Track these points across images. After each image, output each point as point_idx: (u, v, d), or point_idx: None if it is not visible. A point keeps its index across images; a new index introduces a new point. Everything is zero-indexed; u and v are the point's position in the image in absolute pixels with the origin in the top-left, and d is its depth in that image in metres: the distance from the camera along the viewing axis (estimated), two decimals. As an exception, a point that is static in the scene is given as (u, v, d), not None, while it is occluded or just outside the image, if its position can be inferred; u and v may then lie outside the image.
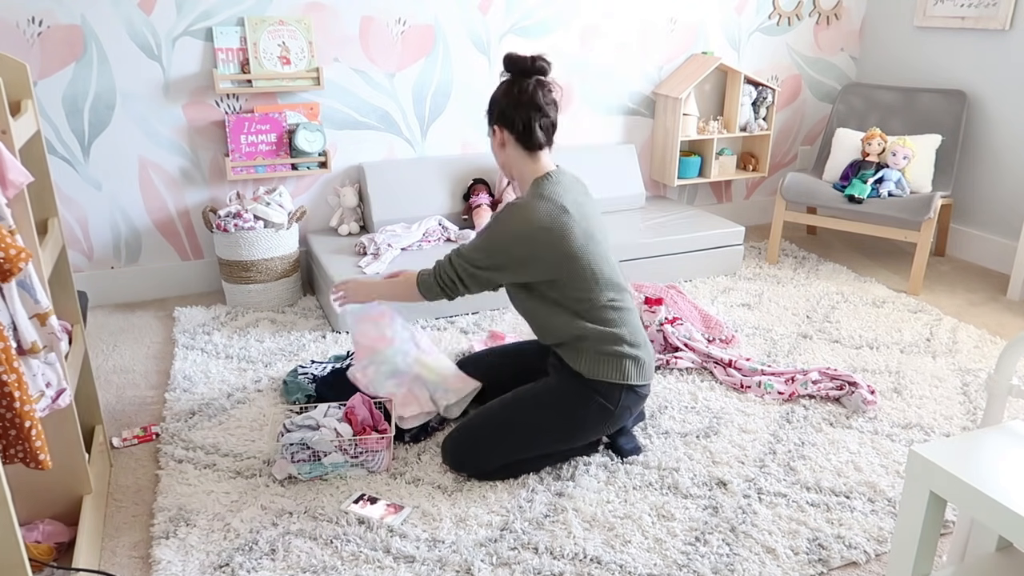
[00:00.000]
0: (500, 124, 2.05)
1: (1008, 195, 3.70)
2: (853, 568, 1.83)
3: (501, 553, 1.84)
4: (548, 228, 1.97)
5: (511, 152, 2.07)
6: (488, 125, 2.11)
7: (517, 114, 2.01)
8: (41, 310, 1.52)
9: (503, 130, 2.05)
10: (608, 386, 2.06)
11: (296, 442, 2.07)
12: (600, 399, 2.07)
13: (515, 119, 2.02)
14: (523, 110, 2.01)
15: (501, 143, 2.08)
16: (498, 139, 2.08)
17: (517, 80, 2.03)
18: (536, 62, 2.02)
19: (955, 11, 3.78)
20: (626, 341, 2.07)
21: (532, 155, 2.06)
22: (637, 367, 2.08)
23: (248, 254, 3.13)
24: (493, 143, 2.11)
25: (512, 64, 2.03)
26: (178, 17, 3.09)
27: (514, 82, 2.03)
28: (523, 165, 2.08)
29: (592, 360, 2.06)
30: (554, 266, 2.00)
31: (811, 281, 3.57)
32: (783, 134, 4.36)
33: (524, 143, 2.04)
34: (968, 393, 2.60)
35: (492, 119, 2.07)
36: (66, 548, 1.82)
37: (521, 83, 2.02)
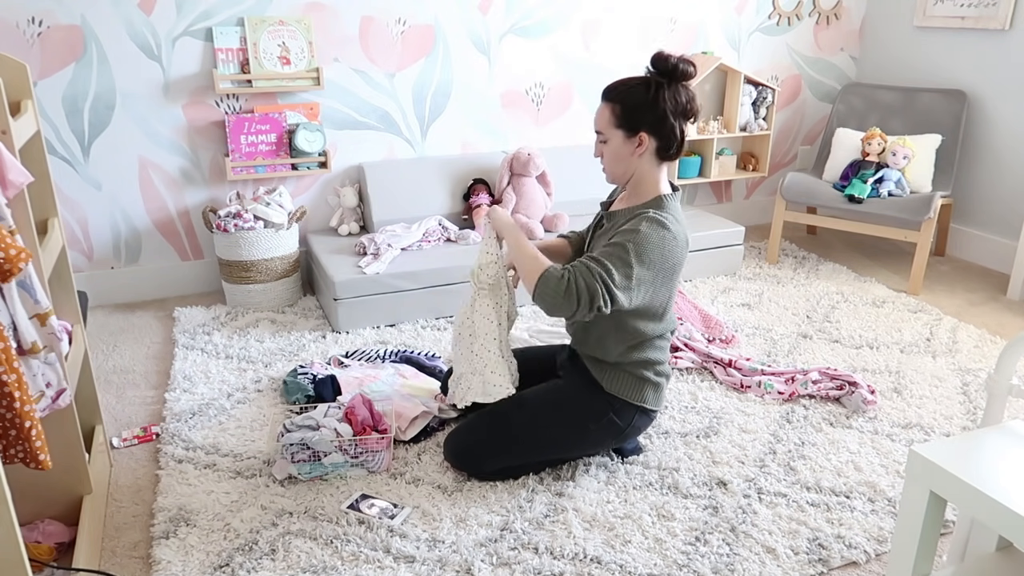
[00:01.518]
0: (650, 131, 1.88)
1: (1008, 195, 3.70)
2: (853, 568, 1.83)
3: (501, 553, 1.84)
4: (683, 250, 1.91)
5: (645, 160, 1.93)
6: (626, 130, 1.90)
7: (677, 122, 1.89)
8: (41, 310, 1.52)
9: (651, 138, 1.89)
10: (623, 403, 2.05)
11: (296, 442, 2.07)
12: (612, 415, 2.06)
13: (673, 127, 1.89)
14: (680, 119, 1.89)
15: (641, 151, 1.91)
16: (641, 146, 1.90)
17: (670, 85, 1.87)
18: (691, 67, 1.88)
19: (955, 11, 3.78)
20: (656, 369, 2.07)
21: (662, 165, 1.95)
22: (656, 393, 2.08)
23: (248, 254, 3.13)
24: (623, 148, 1.92)
25: (668, 66, 1.87)
26: (178, 17, 3.09)
27: (667, 87, 1.87)
28: (651, 175, 1.95)
29: (616, 376, 2.04)
30: (666, 286, 1.94)
31: (811, 281, 3.57)
32: (783, 134, 4.36)
33: (664, 153, 1.92)
34: (968, 393, 2.59)
35: (639, 125, 1.88)
36: (66, 548, 1.82)
37: (677, 89, 1.88)
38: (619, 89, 1.91)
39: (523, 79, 3.70)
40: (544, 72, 3.73)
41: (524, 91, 3.72)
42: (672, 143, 1.91)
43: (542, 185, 3.54)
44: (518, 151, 3.47)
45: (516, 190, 3.47)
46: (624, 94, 1.89)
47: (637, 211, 1.94)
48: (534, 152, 3.46)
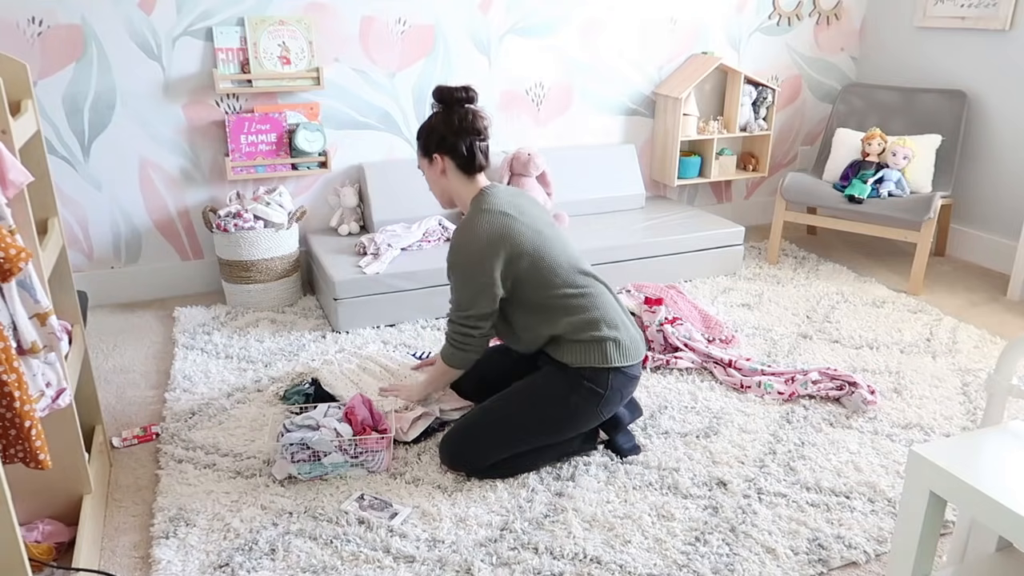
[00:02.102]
0: (441, 152, 2.13)
1: (1008, 195, 3.70)
2: (853, 568, 1.83)
3: (501, 553, 1.84)
4: (496, 234, 2.07)
5: (452, 178, 2.17)
6: (424, 156, 2.18)
7: (460, 140, 2.11)
8: (41, 310, 1.52)
9: (444, 157, 2.14)
10: (593, 371, 2.09)
11: (296, 442, 2.07)
12: (588, 383, 2.09)
13: (458, 145, 2.12)
14: (465, 136, 2.12)
15: (442, 171, 2.17)
16: (439, 168, 2.16)
17: (451, 109, 2.12)
18: (466, 92, 2.12)
19: (955, 11, 3.78)
20: (602, 324, 2.10)
21: (471, 178, 2.18)
22: (619, 348, 2.10)
23: (248, 254, 3.13)
24: (430, 173, 2.20)
25: (443, 95, 2.12)
26: (178, 17, 3.09)
27: (449, 111, 2.12)
28: (463, 189, 2.19)
29: (572, 349, 2.10)
30: (513, 265, 2.09)
31: (811, 281, 3.57)
32: (783, 134, 4.36)
33: (466, 168, 2.15)
34: (968, 393, 2.60)
35: (432, 148, 2.15)
36: (66, 548, 1.82)
37: (457, 111, 2.11)
38: (420, 127, 2.19)
39: (523, 79, 3.70)
40: (544, 72, 3.73)
41: (524, 91, 3.72)
42: (470, 157, 2.14)
43: (542, 185, 3.54)
44: (518, 151, 3.47)
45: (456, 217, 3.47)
46: (419, 130, 2.18)
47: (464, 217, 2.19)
48: (534, 152, 3.46)
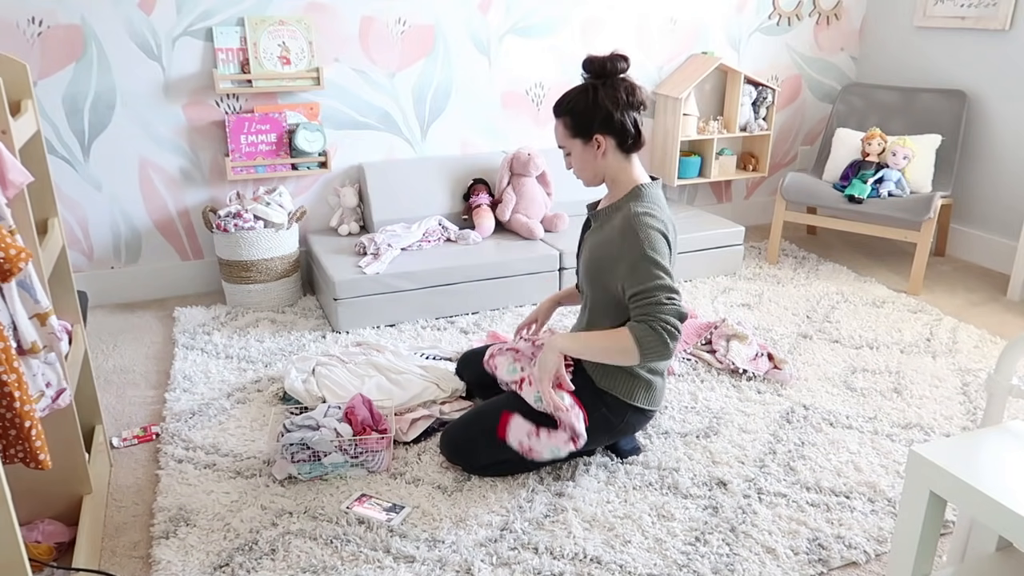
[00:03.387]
0: (605, 132, 1.94)
1: (1008, 195, 3.70)
2: (853, 568, 1.83)
3: (501, 553, 1.84)
4: (670, 234, 1.95)
5: (611, 159, 1.98)
6: (580, 137, 1.96)
7: (626, 117, 1.93)
8: (41, 310, 1.52)
9: (607, 137, 1.95)
10: (615, 400, 2.05)
11: (296, 442, 2.07)
12: (605, 411, 2.05)
13: (624, 123, 1.93)
14: (630, 112, 1.94)
15: (602, 152, 1.97)
16: (599, 149, 1.96)
17: (614, 82, 1.93)
18: (625, 61, 1.93)
19: (955, 11, 3.78)
20: (650, 366, 2.05)
21: (629, 158, 2.01)
22: (648, 391, 2.07)
23: (248, 254, 3.13)
24: (585, 154, 1.98)
25: (602, 66, 1.92)
26: (178, 17, 3.09)
27: (613, 85, 1.92)
28: (622, 170, 2.00)
29: (607, 371, 2.03)
30: None
31: (811, 281, 3.57)
32: (783, 134, 4.36)
33: (628, 146, 1.98)
34: (968, 393, 2.60)
35: (594, 128, 1.94)
36: (66, 548, 1.82)
37: (622, 84, 1.93)
38: (563, 102, 1.98)
39: (523, 79, 3.70)
40: (544, 72, 3.73)
41: (524, 91, 3.72)
42: (628, 136, 1.97)
43: (542, 185, 3.54)
44: (518, 151, 3.47)
45: (516, 190, 3.48)
46: (569, 105, 1.96)
47: (619, 205, 2.00)
48: (534, 152, 3.46)
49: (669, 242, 1.95)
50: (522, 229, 3.43)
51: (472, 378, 2.42)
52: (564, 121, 1.98)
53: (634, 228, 1.90)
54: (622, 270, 1.91)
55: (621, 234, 1.93)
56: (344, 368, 2.56)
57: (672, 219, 2.02)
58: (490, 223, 3.43)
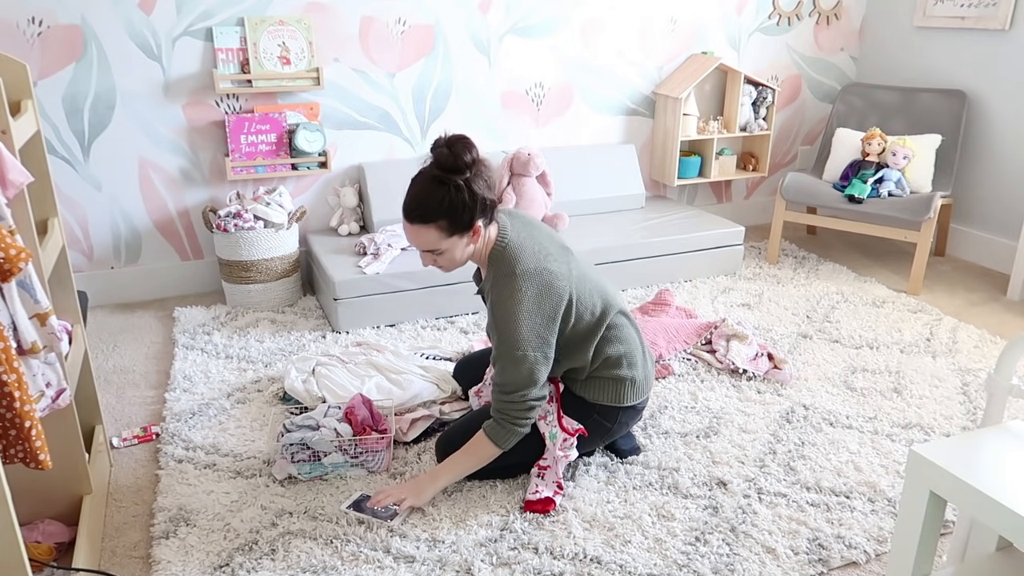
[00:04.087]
0: (480, 216, 1.89)
1: (1008, 195, 3.70)
2: (853, 568, 1.83)
3: (501, 553, 1.84)
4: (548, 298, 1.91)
5: (480, 238, 1.94)
6: (460, 232, 1.88)
7: (492, 195, 1.90)
8: (41, 310, 1.52)
9: (481, 219, 1.90)
10: (605, 407, 2.07)
11: (296, 442, 2.07)
12: (597, 416, 2.08)
13: (493, 201, 1.91)
14: (491, 191, 1.91)
15: (479, 235, 1.93)
16: (477, 233, 1.91)
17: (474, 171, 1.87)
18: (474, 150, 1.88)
19: (955, 11, 3.78)
20: (623, 361, 2.05)
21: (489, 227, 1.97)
22: (634, 388, 2.08)
23: (248, 254, 3.13)
24: (460, 245, 1.91)
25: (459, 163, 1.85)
26: (178, 17, 3.09)
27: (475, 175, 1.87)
28: (482, 242, 1.97)
29: (589, 385, 2.06)
30: (563, 319, 1.95)
31: (811, 281, 3.57)
32: (783, 134, 4.36)
33: (490, 220, 1.95)
34: (968, 393, 2.59)
35: (474, 219, 1.88)
36: (66, 548, 1.82)
37: (481, 171, 1.88)
38: (430, 205, 1.85)
39: (523, 79, 3.70)
40: (544, 72, 3.73)
41: (524, 91, 3.72)
42: (494, 212, 1.94)
43: (542, 185, 3.54)
44: (518, 151, 3.47)
45: (516, 190, 3.47)
46: (440, 208, 1.85)
47: (489, 277, 1.97)
48: (534, 152, 3.46)
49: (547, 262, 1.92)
50: (522, 229, 3.42)
51: (469, 383, 2.42)
52: (439, 225, 1.86)
53: (499, 316, 1.90)
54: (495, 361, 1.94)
55: (492, 312, 1.93)
56: (344, 368, 2.56)
57: (541, 233, 2.00)
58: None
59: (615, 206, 3.85)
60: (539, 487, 2.01)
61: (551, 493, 2.00)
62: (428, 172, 1.89)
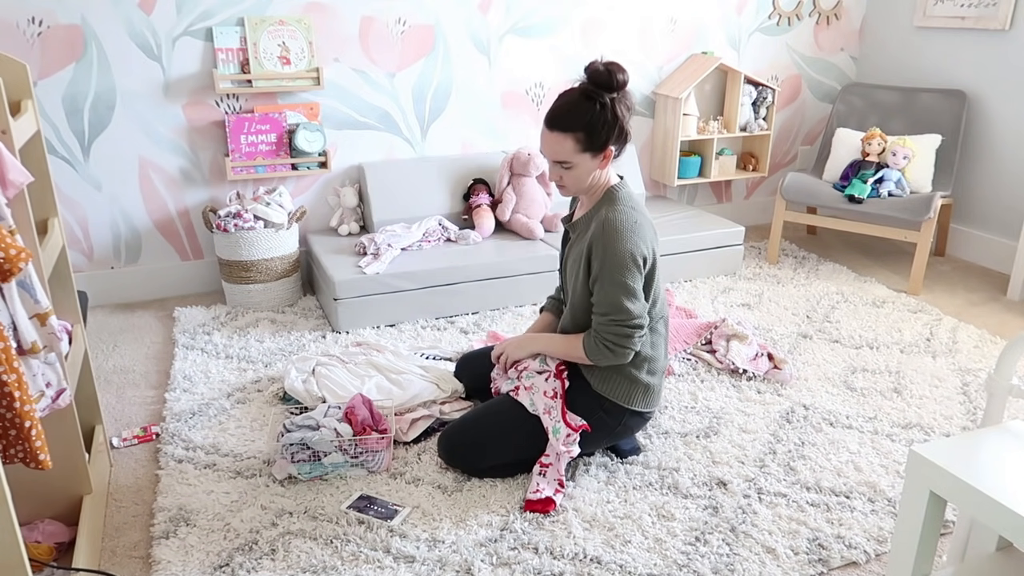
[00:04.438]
0: (615, 143, 1.95)
1: (1008, 195, 3.70)
2: (853, 568, 1.83)
3: (501, 553, 1.84)
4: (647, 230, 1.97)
5: (608, 166, 2.00)
6: (594, 150, 1.93)
7: (629, 128, 1.96)
8: (41, 310, 1.52)
9: (614, 148, 1.96)
10: (613, 404, 2.07)
11: (296, 442, 2.07)
12: (603, 414, 2.07)
13: (629, 132, 1.97)
14: (628, 123, 1.96)
15: (607, 163, 1.97)
16: (607, 159, 1.96)
17: (620, 96, 1.92)
18: (625, 74, 1.92)
19: (955, 11, 3.78)
20: (646, 365, 2.07)
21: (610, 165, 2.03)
22: (645, 394, 2.08)
23: (248, 254, 3.13)
24: (588, 166, 1.95)
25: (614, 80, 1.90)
26: (178, 17, 3.09)
27: (620, 99, 1.92)
28: (603, 177, 2.02)
29: (605, 375, 2.05)
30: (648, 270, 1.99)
31: (811, 281, 3.57)
32: (783, 134, 4.36)
33: (620, 152, 2.00)
34: (968, 393, 2.59)
35: (607, 142, 1.93)
36: (66, 548, 1.82)
37: (628, 97, 1.94)
38: (574, 115, 1.90)
39: (523, 79, 3.70)
40: (544, 72, 3.73)
41: (524, 91, 3.72)
42: (625, 145, 2.00)
43: (542, 185, 3.54)
44: (518, 151, 3.47)
45: (516, 190, 3.48)
46: (583, 119, 1.89)
47: (595, 213, 2.02)
48: (534, 152, 3.46)
49: (647, 242, 1.96)
50: (522, 229, 3.43)
51: (471, 380, 2.42)
52: (576, 136, 1.90)
53: (607, 245, 1.93)
54: (595, 284, 1.98)
55: (596, 246, 1.95)
56: (344, 368, 2.56)
57: (646, 216, 2.03)
58: (490, 223, 3.43)
59: (615, 206, 3.84)
60: (540, 485, 2.01)
61: (552, 492, 2.00)
62: (580, 86, 1.94)
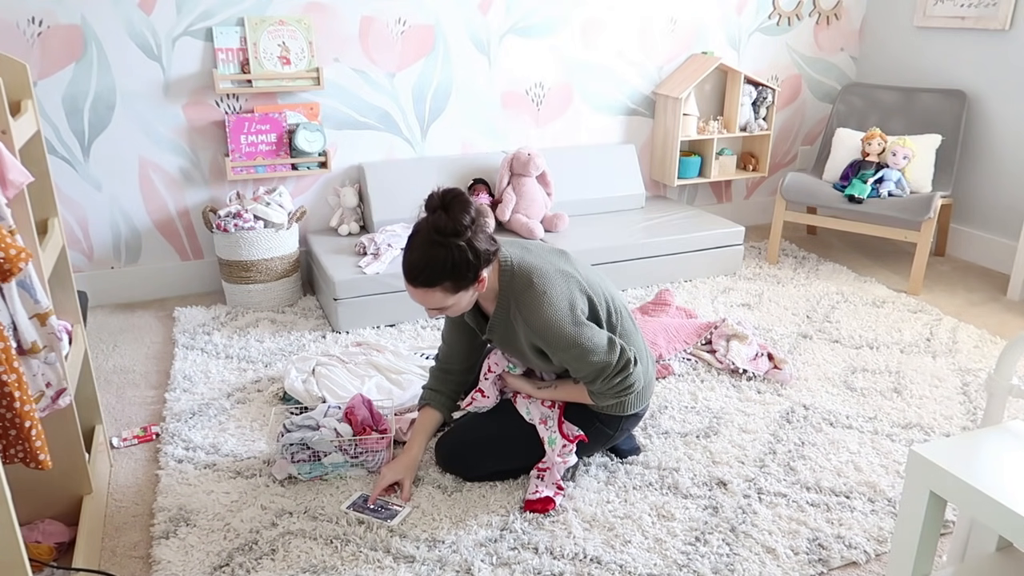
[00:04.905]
0: (484, 266, 1.86)
1: (1008, 195, 3.70)
2: (853, 568, 1.83)
3: (501, 553, 1.84)
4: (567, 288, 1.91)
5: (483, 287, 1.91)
6: (467, 287, 1.86)
7: (493, 239, 1.89)
8: (41, 310, 1.52)
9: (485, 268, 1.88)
10: (608, 416, 2.07)
11: (296, 442, 2.07)
12: (599, 424, 2.07)
13: (493, 248, 1.89)
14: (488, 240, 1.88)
15: (482, 283, 1.89)
16: (482, 281, 1.88)
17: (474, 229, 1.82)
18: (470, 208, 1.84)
19: (955, 11, 3.78)
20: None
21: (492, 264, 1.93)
22: (638, 398, 2.07)
23: (248, 254, 3.13)
24: (467, 296, 1.89)
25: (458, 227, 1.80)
26: (178, 17, 3.09)
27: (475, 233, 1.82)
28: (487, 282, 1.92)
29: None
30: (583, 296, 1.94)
31: (811, 281, 3.57)
32: (783, 134, 4.36)
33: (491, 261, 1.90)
34: (968, 393, 2.59)
35: (480, 272, 1.85)
36: (66, 548, 1.82)
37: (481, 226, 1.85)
38: (431, 269, 1.81)
39: (523, 79, 3.70)
40: (544, 72, 3.73)
41: (524, 91, 3.72)
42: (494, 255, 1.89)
43: (542, 185, 3.54)
44: (518, 151, 3.47)
45: (516, 190, 3.48)
46: (442, 271, 1.80)
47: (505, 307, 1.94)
48: (534, 152, 3.46)
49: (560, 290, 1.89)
50: (522, 229, 3.43)
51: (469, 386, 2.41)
52: (444, 287, 1.83)
53: (544, 328, 1.86)
54: (559, 358, 1.92)
55: (536, 337, 1.89)
56: (344, 368, 2.56)
57: (541, 249, 1.99)
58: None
59: (615, 206, 3.85)
60: (539, 487, 2.01)
61: (551, 493, 2.00)
62: (427, 235, 1.82)
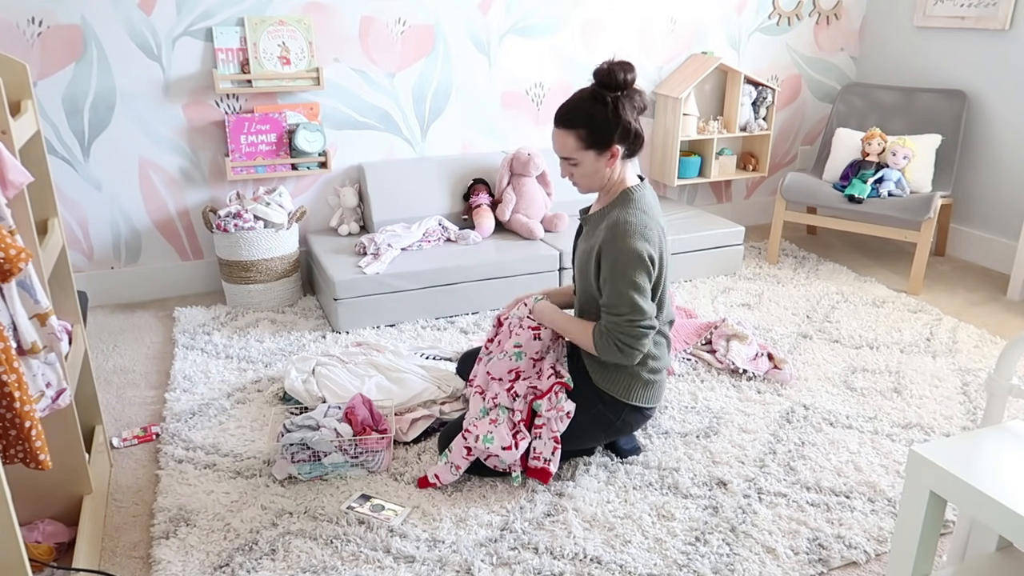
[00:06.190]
0: (619, 141, 1.96)
1: (1008, 195, 3.70)
2: (853, 568, 1.83)
3: (501, 553, 1.84)
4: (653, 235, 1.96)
5: (616, 165, 2.01)
6: (598, 148, 1.96)
7: (638, 126, 1.98)
8: (41, 310, 1.52)
9: (620, 146, 1.97)
10: (612, 398, 2.06)
11: (296, 442, 2.07)
12: (601, 408, 2.07)
13: (638, 131, 1.98)
14: (638, 121, 1.98)
15: (614, 160, 1.99)
16: (613, 158, 1.98)
17: (627, 94, 1.95)
18: (632, 72, 1.95)
19: (955, 11, 3.78)
20: (651, 366, 2.07)
21: (627, 164, 2.05)
22: (646, 390, 2.08)
23: (248, 254, 3.13)
24: (596, 164, 1.99)
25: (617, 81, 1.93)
26: (178, 17, 3.09)
27: (626, 96, 1.94)
28: (618, 176, 2.04)
29: (606, 369, 2.05)
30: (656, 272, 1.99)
31: (811, 281, 3.57)
32: (783, 134, 4.36)
33: (631, 154, 2.02)
34: (968, 393, 2.59)
35: (612, 139, 1.95)
36: (66, 548, 1.82)
37: (634, 96, 1.96)
38: (577, 112, 1.95)
39: (523, 79, 3.70)
40: (544, 72, 3.73)
41: (524, 91, 3.72)
42: (638, 144, 2.01)
43: (542, 185, 3.54)
44: (518, 151, 3.47)
45: (516, 190, 3.48)
46: (585, 117, 1.94)
47: (608, 211, 2.03)
48: (534, 152, 3.46)
49: (656, 245, 1.96)
50: (522, 229, 3.43)
51: None
52: (579, 133, 1.95)
53: (617, 244, 1.93)
54: (605, 284, 1.97)
55: (606, 245, 1.95)
56: (344, 368, 2.56)
57: (659, 219, 2.03)
58: (490, 223, 3.43)
59: (615, 206, 3.84)
60: (539, 450, 2.05)
61: (550, 454, 2.04)
62: (590, 86, 1.98)
